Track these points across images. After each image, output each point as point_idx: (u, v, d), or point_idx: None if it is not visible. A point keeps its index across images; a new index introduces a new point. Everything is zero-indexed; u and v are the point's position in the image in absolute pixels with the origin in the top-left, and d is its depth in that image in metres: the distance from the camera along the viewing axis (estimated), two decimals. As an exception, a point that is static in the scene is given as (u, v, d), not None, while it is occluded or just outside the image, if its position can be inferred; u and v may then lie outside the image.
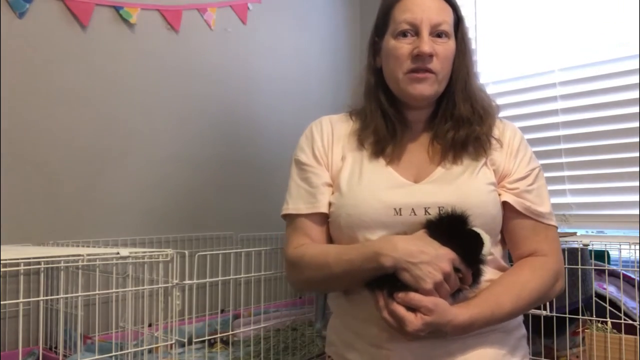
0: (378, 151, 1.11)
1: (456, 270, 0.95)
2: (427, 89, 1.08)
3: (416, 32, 1.07)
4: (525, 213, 1.08)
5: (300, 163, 1.16)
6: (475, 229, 0.99)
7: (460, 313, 0.95)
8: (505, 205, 1.09)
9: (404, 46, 1.07)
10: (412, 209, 1.03)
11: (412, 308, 0.92)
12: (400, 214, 1.03)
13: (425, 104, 1.13)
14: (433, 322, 0.92)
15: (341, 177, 1.11)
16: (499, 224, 1.09)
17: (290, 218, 1.15)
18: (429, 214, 1.02)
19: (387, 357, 1.01)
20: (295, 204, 1.13)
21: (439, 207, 1.02)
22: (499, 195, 1.09)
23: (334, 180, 1.12)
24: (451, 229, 0.98)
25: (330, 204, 1.11)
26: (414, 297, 0.92)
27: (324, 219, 1.12)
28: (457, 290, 0.97)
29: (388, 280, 0.95)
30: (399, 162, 1.11)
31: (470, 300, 0.99)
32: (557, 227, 1.13)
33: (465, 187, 1.05)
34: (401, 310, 0.92)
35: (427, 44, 1.05)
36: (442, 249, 0.95)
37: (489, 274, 1.04)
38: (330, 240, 1.14)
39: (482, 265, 0.99)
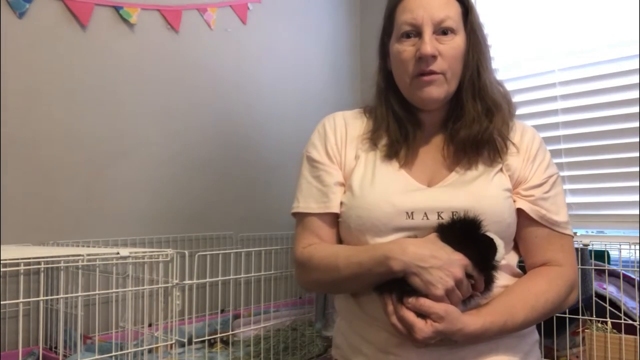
0: (391, 154, 1.08)
1: (468, 276, 0.92)
2: (435, 90, 1.03)
3: (418, 32, 1.03)
4: (540, 221, 1.05)
5: (312, 160, 1.12)
6: (488, 233, 0.96)
7: (472, 322, 0.92)
8: (519, 212, 1.05)
9: (407, 49, 1.04)
10: (425, 213, 1.00)
11: (422, 314, 0.90)
12: (413, 218, 1.00)
13: (437, 106, 1.08)
14: (444, 330, 0.89)
15: (354, 177, 1.08)
16: (513, 231, 1.06)
17: (300, 216, 1.12)
18: (442, 218, 0.99)
19: None
20: (306, 202, 1.10)
21: (452, 212, 0.98)
22: (514, 201, 1.05)
23: (346, 180, 1.09)
24: (464, 233, 0.94)
25: (341, 204, 1.08)
26: (425, 303, 0.90)
27: (334, 219, 1.09)
28: (468, 296, 0.94)
29: (397, 285, 0.93)
30: (412, 165, 1.08)
31: (483, 309, 0.96)
32: (572, 236, 1.09)
33: (480, 192, 1.01)
34: (411, 316, 0.90)
35: (428, 45, 1.00)
36: (454, 254, 0.92)
37: (504, 279, 1.01)
38: (339, 240, 1.11)
39: (494, 272, 0.96)
